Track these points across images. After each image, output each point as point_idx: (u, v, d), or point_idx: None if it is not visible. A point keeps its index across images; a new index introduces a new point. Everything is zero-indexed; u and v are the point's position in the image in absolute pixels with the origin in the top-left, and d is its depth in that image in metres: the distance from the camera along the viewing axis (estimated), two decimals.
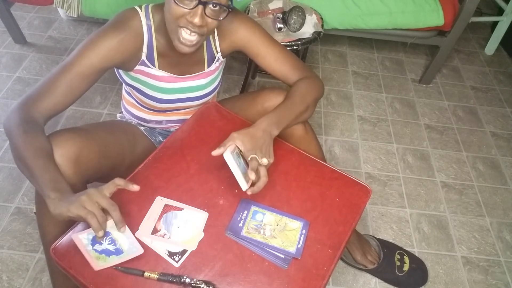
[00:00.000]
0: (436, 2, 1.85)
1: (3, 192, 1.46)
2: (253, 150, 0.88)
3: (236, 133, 0.90)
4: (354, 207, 0.93)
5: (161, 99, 1.06)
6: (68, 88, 0.90)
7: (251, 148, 0.88)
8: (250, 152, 0.88)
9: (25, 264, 1.29)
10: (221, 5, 0.86)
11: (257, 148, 0.88)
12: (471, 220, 1.57)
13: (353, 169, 1.69)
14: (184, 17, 0.86)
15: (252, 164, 0.85)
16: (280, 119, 0.95)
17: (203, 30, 0.88)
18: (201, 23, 0.85)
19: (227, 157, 0.84)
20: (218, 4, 0.85)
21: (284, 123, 0.96)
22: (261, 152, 0.89)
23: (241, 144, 0.88)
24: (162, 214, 0.86)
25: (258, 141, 0.89)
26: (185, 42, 0.90)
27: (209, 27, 0.89)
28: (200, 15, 0.85)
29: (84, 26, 2.23)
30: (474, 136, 1.91)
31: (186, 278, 0.77)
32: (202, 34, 0.90)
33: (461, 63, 2.32)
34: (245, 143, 0.88)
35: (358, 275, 1.36)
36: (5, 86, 1.84)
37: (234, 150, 0.87)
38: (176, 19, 0.87)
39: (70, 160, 0.84)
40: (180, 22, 0.87)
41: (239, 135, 0.89)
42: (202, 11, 0.85)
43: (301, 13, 1.63)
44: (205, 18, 0.86)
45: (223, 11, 0.89)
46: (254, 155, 0.87)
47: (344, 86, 2.08)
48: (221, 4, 0.86)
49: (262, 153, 0.89)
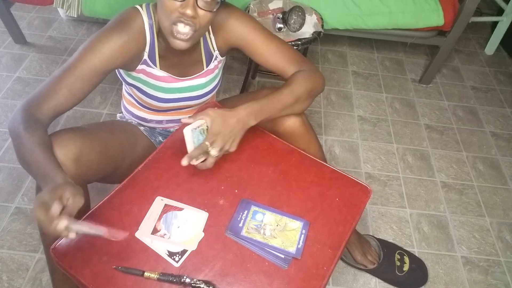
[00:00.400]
0: (436, 2, 1.85)
1: (3, 192, 1.46)
2: (217, 135, 0.89)
3: (212, 110, 0.90)
4: (354, 207, 0.93)
5: (162, 98, 1.06)
6: (70, 91, 0.89)
7: (216, 132, 0.89)
8: (213, 136, 0.89)
9: (25, 264, 1.29)
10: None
11: (221, 134, 0.89)
12: (471, 220, 1.57)
13: (353, 169, 1.69)
14: (177, 10, 0.85)
15: (196, 151, 0.87)
16: (261, 110, 0.94)
17: (196, 22, 0.87)
18: (193, 13, 0.84)
19: (185, 132, 0.87)
20: None
21: (266, 114, 0.95)
22: (223, 140, 0.89)
23: (210, 123, 0.89)
24: (162, 214, 0.86)
25: (227, 127, 0.90)
26: (179, 37, 0.89)
27: (202, 20, 0.87)
28: (192, 6, 0.84)
29: (84, 26, 2.23)
30: (474, 136, 1.91)
31: (186, 278, 0.77)
32: (196, 27, 0.88)
33: (461, 63, 2.32)
34: (213, 125, 0.89)
35: (358, 275, 1.36)
36: (5, 86, 1.84)
37: (200, 126, 0.89)
38: (170, 13, 0.86)
39: (71, 160, 0.84)
40: (173, 16, 0.86)
41: (213, 113, 0.90)
42: (194, 2, 0.84)
43: (301, 13, 1.63)
44: (198, 10, 0.85)
45: (215, 3, 0.88)
46: (207, 143, 0.88)
47: (344, 86, 2.08)
48: None
49: (225, 140, 0.89)
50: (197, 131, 0.88)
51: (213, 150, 0.89)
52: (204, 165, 0.90)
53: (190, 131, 0.87)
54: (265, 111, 0.95)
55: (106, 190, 1.42)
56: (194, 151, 0.88)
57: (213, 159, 0.90)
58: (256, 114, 0.93)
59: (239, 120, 0.91)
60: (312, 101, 1.05)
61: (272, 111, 0.96)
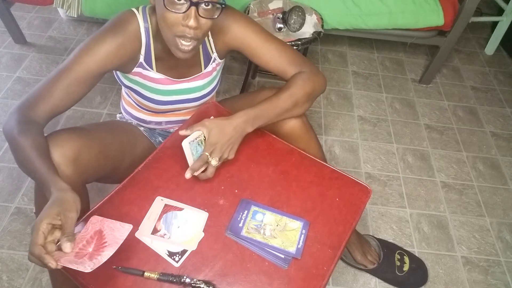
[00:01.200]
0: (436, 2, 1.85)
1: (3, 192, 1.46)
2: (214, 145, 0.90)
3: (208, 121, 0.91)
4: (354, 207, 0.93)
5: (159, 100, 1.05)
6: (66, 93, 0.89)
7: (214, 142, 0.90)
8: (211, 146, 0.90)
9: (25, 264, 1.29)
10: (213, 3, 0.84)
11: (219, 144, 0.90)
12: (471, 220, 1.57)
13: (353, 169, 1.69)
14: (179, 23, 0.84)
15: (196, 164, 0.88)
16: (258, 116, 0.95)
17: (198, 32, 0.86)
18: (196, 24, 0.84)
19: (184, 146, 0.88)
20: (210, 2, 0.83)
21: (263, 120, 0.96)
22: (221, 149, 0.90)
23: (207, 134, 0.90)
24: (162, 214, 0.86)
25: (225, 137, 0.90)
26: (183, 49, 0.89)
27: (204, 28, 0.87)
28: (194, 17, 0.83)
29: (84, 26, 2.23)
30: (474, 136, 1.91)
31: (186, 278, 0.76)
32: (198, 38, 0.88)
33: (461, 63, 2.32)
34: (210, 135, 0.90)
35: (358, 275, 1.36)
36: (5, 86, 1.84)
37: (198, 137, 0.89)
38: (171, 26, 0.85)
39: (69, 160, 0.84)
40: (176, 30, 0.85)
41: (209, 124, 0.90)
42: (195, 12, 0.83)
43: (301, 13, 1.63)
44: (199, 19, 0.84)
45: (216, 9, 0.87)
46: (206, 153, 0.89)
47: (344, 86, 2.08)
48: (213, 1, 0.84)
49: (223, 150, 0.90)
50: (194, 143, 0.89)
51: (213, 160, 0.90)
52: (205, 175, 0.91)
53: (188, 144, 0.88)
54: (262, 117, 0.95)
55: (106, 190, 1.43)
56: (196, 163, 0.89)
57: (213, 169, 0.91)
58: (253, 121, 0.94)
59: (236, 128, 0.91)
60: (312, 103, 1.05)
61: (270, 116, 0.97)
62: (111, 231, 0.77)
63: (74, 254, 0.71)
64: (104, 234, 0.76)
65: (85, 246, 0.73)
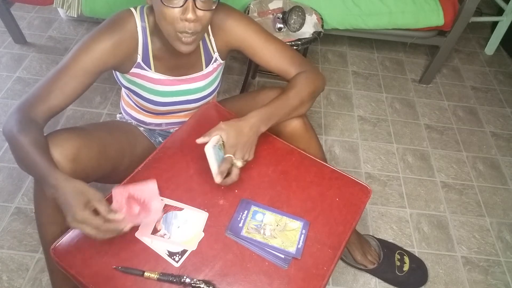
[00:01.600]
0: (436, 2, 1.85)
1: (3, 192, 1.46)
2: (235, 146, 0.89)
3: (224, 124, 0.90)
4: (354, 207, 0.93)
5: (159, 102, 1.05)
6: (63, 92, 0.89)
7: (233, 144, 0.89)
8: (232, 148, 0.89)
9: (25, 264, 1.29)
10: None
11: (239, 145, 0.89)
12: (471, 220, 1.57)
13: (353, 169, 1.69)
14: (178, 18, 0.85)
15: (223, 166, 0.87)
16: (271, 115, 0.95)
17: (198, 26, 0.87)
18: (195, 17, 0.84)
19: (207, 151, 0.86)
20: None
21: (275, 119, 0.96)
22: (242, 150, 0.89)
23: (225, 136, 0.89)
24: (162, 214, 0.86)
25: (243, 137, 0.90)
26: (185, 41, 0.89)
27: (203, 20, 0.87)
28: (192, 10, 0.83)
29: (84, 26, 2.23)
30: (474, 136, 1.91)
31: (186, 278, 0.77)
32: (198, 31, 0.88)
33: (461, 63, 2.32)
34: (229, 137, 0.89)
35: (358, 275, 1.36)
36: (5, 86, 1.84)
37: (218, 142, 0.88)
38: (171, 23, 0.85)
39: (68, 159, 0.84)
40: (177, 26, 0.86)
41: (226, 127, 0.90)
42: (192, 5, 0.84)
43: (301, 13, 1.63)
44: (197, 12, 0.85)
45: (212, 1, 0.87)
46: (231, 155, 0.88)
47: (344, 86, 2.08)
48: None
49: (243, 151, 0.90)
50: (216, 147, 0.88)
51: (238, 161, 0.89)
52: (231, 179, 0.88)
53: (212, 149, 0.86)
54: (274, 115, 0.96)
55: (106, 190, 1.42)
56: (222, 166, 0.87)
57: (238, 170, 0.89)
58: (267, 120, 0.94)
59: (252, 127, 0.91)
60: (313, 102, 1.05)
61: (281, 115, 0.97)
62: (141, 192, 0.80)
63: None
64: (136, 196, 0.80)
65: (129, 210, 0.78)
